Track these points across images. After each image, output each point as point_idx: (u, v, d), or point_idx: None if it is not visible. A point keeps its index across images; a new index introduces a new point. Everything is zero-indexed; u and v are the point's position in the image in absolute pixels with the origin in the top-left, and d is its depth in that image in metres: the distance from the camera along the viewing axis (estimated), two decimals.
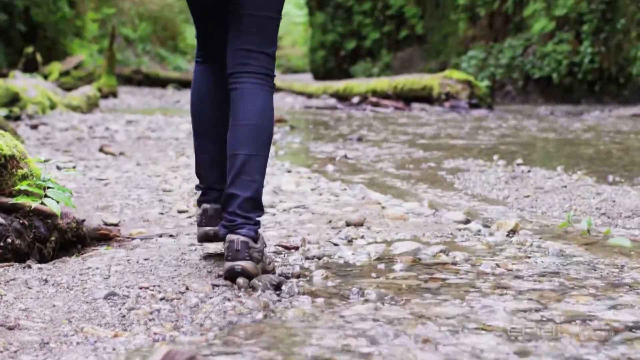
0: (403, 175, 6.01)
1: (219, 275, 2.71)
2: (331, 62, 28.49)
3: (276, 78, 2.91)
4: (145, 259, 2.88)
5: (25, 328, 2.16)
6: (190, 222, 3.91)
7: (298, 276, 2.82)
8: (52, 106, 11.67)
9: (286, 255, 3.18)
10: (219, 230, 2.79)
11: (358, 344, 2.07)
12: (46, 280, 2.59)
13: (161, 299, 2.43)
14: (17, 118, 9.83)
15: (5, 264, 2.81)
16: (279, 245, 3.31)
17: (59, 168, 5.56)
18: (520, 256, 3.14)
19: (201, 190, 3.01)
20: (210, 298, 2.47)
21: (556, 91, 18.01)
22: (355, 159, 7.18)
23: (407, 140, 8.93)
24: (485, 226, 3.76)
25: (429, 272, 2.89)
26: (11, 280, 2.59)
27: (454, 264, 3.02)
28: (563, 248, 3.27)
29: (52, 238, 3.09)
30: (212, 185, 2.97)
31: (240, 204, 2.71)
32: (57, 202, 2.97)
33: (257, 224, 2.75)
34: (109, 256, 2.94)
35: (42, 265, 2.82)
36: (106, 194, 4.70)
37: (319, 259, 3.12)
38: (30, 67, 20.34)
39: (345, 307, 2.43)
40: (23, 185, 2.97)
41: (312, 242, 3.39)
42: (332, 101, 17.68)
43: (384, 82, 16.91)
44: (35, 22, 23.17)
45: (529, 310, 2.39)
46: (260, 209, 2.77)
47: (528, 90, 18.80)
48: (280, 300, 2.51)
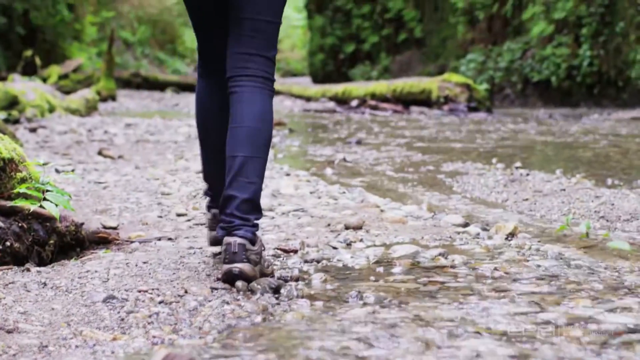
0: (402, 179, 6.01)
1: (218, 279, 2.71)
2: (330, 66, 28.50)
3: (275, 81, 2.91)
4: (144, 262, 2.88)
5: (24, 331, 2.16)
6: (189, 225, 3.91)
7: (297, 279, 2.82)
8: (51, 109, 11.67)
9: (285, 258, 3.18)
10: (217, 232, 2.80)
11: (357, 347, 2.07)
12: (45, 284, 2.59)
13: (160, 302, 2.43)
14: (16, 121, 9.84)
15: (4, 267, 2.81)
16: (277, 249, 3.31)
17: (57, 171, 5.56)
18: (519, 259, 3.14)
19: (210, 197, 3.06)
20: (209, 301, 2.47)
21: (555, 94, 18.02)
22: (354, 162, 7.18)
23: (405, 144, 8.93)
24: (484, 229, 3.76)
25: (428, 276, 2.89)
26: (10, 283, 2.59)
27: (452, 267, 3.02)
28: (562, 251, 3.26)
29: (51, 241, 3.09)
30: (220, 191, 2.98)
31: (238, 206, 2.71)
32: (56, 205, 2.97)
33: (255, 226, 2.74)
34: (108, 259, 2.94)
35: (41, 269, 2.82)
36: (105, 197, 4.70)
37: (318, 262, 3.12)
38: (29, 70, 20.35)
39: (344, 311, 2.42)
40: (22, 189, 2.97)
41: (311, 246, 3.39)
42: (331, 104, 17.68)
43: (382, 86, 16.91)
44: (34, 25, 23.18)
45: (528, 313, 2.39)
46: (258, 211, 2.77)
47: (527, 94, 18.80)
48: (279, 304, 2.51)
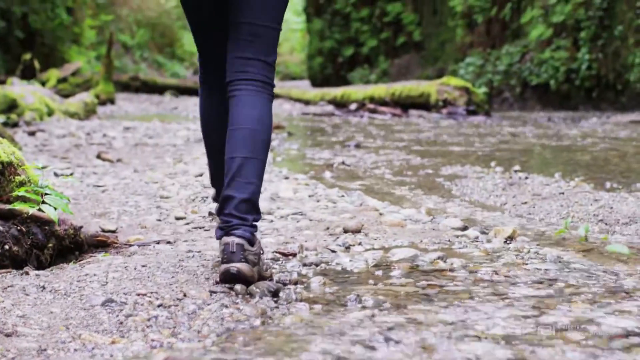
0: (400, 182, 6.02)
1: (217, 282, 2.71)
2: (329, 69, 28.54)
3: (275, 86, 2.91)
4: (143, 266, 2.88)
5: (22, 335, 2.15)
6: (187, 228, 3.91)
7: (296, 283, 2.82)
8: (50, 113, 11.68)
9: (284, 261, 3.18)
10: (216, 233, 2.80)
11: (355, 350, 2.07)
12: (44, 287, 2.58)
13: (159, 306, 2.43)
14: (15, 125, 9.84)
15: (3, 270, 2.80)
16: (276, 252, 3.31)
17: (56, 175, 5.56)
18: (518, 263, 3.14)
19: (217, 203, 3.10)
20: (208, 305, 2.47)
21: (554, 98, 18.04)
22: (353, 165, 7.18)
23: (404, 147, 8.94)
24: (483, 233, 3.76)
25: (427, 279, 2.88)
26: (9, 287, 2.59)
27: (451, 270, 3.02)
28: (561, 255, 3.27)
29: (50, 245, 3.09)
30: None
31: (236, 205, 2.71)
32: (55, 209, 2.97)
33: (254, 226, 2.74)
34: (107, 263, 2.94)
35: (40, 272, 2.82)
36: (104, 201, 4.70)
37: (317, 265, 3.11)
38: (28, 73, 20.35)
39: (342, 314, 2.42)
40: (21, 192, 2.97)
41: (310, 249, 3.39)
42: (330, 108, 17.70)
43: (381, 89, 16.92)
44: (33, 29, 23.19)
45: (527, 316, 2.39)
46: (256, 212, 2.77)
47: (525, 97, 18.82)
48: (277, 307, 2.51)
